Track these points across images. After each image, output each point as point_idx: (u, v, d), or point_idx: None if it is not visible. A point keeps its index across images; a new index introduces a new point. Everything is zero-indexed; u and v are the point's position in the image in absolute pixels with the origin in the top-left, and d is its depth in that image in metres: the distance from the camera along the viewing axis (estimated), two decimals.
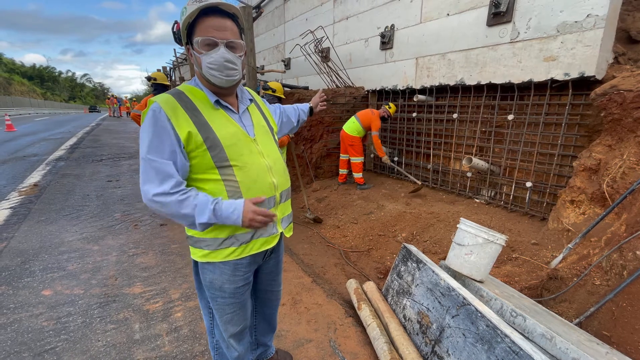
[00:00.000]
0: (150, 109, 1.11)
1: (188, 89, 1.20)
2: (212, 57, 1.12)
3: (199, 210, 1.10)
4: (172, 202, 1.08)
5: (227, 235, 1.22)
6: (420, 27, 4.80)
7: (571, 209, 3.01)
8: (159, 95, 1.16)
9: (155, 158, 1.08)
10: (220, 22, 1.12)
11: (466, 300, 1.64)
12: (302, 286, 2.66)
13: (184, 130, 1.11)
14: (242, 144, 1.22)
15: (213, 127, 1.16)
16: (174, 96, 1.15)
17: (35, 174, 6.20)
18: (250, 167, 1.21)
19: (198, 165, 1.15)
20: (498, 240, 1.96)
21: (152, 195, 1.08)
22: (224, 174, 1.17)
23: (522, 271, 2.78)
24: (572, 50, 3.20)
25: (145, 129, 1.10)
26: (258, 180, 1.23)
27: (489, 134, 4.25)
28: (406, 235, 3.74)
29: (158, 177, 1.08)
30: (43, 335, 2.04)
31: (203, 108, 1.18)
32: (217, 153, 1.15)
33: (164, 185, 1.08)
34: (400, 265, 2.27)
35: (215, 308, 1.35)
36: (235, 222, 1.12)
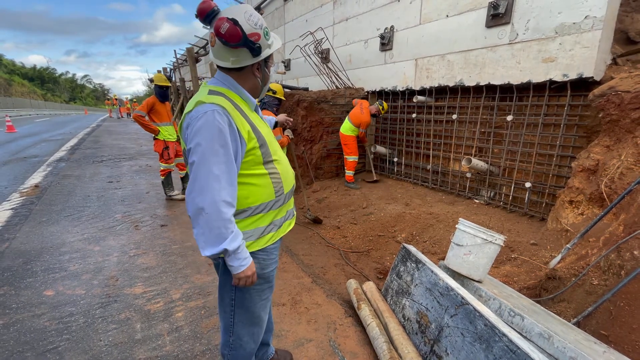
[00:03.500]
0: (211, 109, 1.12)
1: (227, 92, 1.25)
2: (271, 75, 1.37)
3: (232, 237, 1.12)
4: (226, 216, 1.10)
5: (268, 222, 1.32)
6: (420, 29, 4.83)
7: (570, 209, 3.02)
8: (209, 97, 1.17)
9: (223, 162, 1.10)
10: None
11: (465, 299, 1.66)
12: (302, 286, 2.68)
13: (245, 129, 1.19)
14: (274, 142, 1.36)
15: (258, 127, 1.26)
16: (227, 99, 1.21)
17: (36, 175, 6.22)
18: (283, 160, 1.39)
19: (250, 162, 1.23)
20: (496, 240, 1.97)
21: (222, 199, 1.09)
22: (269, 168, 1.29)
23: (521, 271, 2.80)
24: (570, 52, 3.22)
25: (210, 131, 1.10)
26: (288, 171, 1.41)
27: (488, 134, 4.27)
28: (406, 235, 3.75)
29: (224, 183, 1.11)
30: (45, 335, 2.05)
31: (247, 111, 1.27)
32: (265, 150, 1.26)
33: (228, 193, 1.11)
34: (400, 265, 2.28)
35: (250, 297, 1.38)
36: (236, 267, 1.17)
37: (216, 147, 1.09)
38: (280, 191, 1.34)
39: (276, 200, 1.33)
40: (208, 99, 1.16)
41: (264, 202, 1.29)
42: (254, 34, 1.17)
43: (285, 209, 1.42)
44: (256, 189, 1.26)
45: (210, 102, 1.14)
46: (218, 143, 1.09)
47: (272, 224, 1.34)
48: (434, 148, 5.04)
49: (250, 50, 1.18)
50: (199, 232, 1.11)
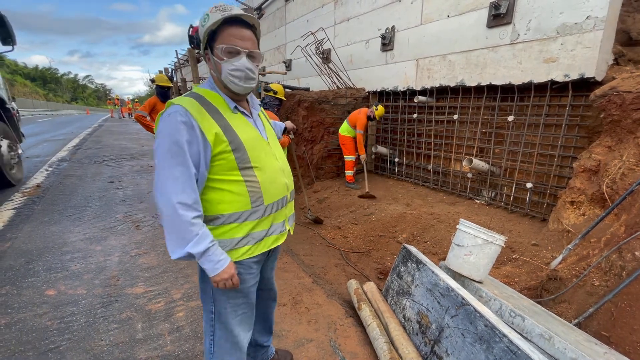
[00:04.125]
0: (173, 111, 1.09)
1: (205, 92, 1.22)
2: (234, 65, 1.16)
3: (198, 240, 1.09)
4: (186, 218, 1.07)
5: (244, 234, 1.24)
6: (421, 29, 4.82)
7: (571, 209, 3.02)
8: (179, 97, 1.16)
9: (180, 164, 1.08)
10: (242, 32, 1.17)
11: (465, 300, 1.66)
12: (302, 286, 2.68)
13: (212, 132, 1.12)
14: (260, 147, 1.27)
15: (236, 130, 1.19)
16: (196, 99, 1.16)
17: (38, 175, 6.24)
18: (268, 168, 1.27)
19: (221, 167, 1.17)
20: (497, 241, 1.97)
21: (178, 201, 1.06)
22: (246, 175, 1.20)
23: (522, 272, 2.79)
24: (572, 52, 3.21)
25: (169, 132, 1.08)
26: (274, 181, 1.29)
27: (489, 135, 4.26)
28: (406, 236, 3.75)
29: (181, 185, 1.08)
30: (47, 335, 2.06)
31: (224, 112, 1.20)
32: (241, 155, 1.18)
33: (187, 196, 1.08)
34: (400, 265, 2.28)
35: (226, 312, 1.32)
36: (210, 270, 1.14)
37: (173, 149, 1.07)
38: (258, 202, 1.24)
39: (253, 211, 1.24)
40: (177, 99, 1.14)
41: (237, 212, 1.21)
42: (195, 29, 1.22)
43: (269, 222, 1.31)
44: (229, 196, 1.19)
45: (177, 103, 1.12)
46: (175, 145, 1.07)
47: (250, 236, 1.25)
48: (435, 148, 5.03)
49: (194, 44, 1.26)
50: (165, 235, 1.12)
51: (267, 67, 9.52)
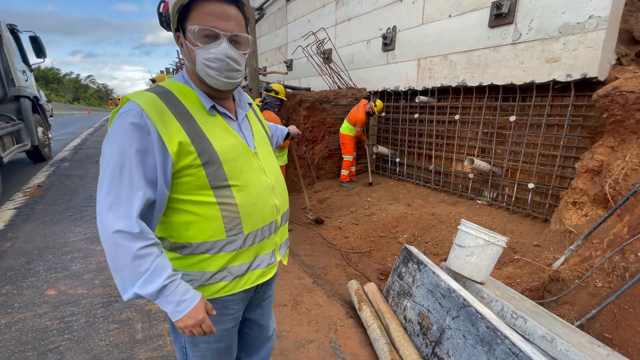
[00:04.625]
0: (125, 110, 0.85)
1: (176, 87, 0.96)
2: (211, 52, 0.90)
3: (149, 276, 0.83)
4: (130, 250, 0.81)
5: (218, 268, 0.99)
6: (422, 29, 4.81)
7: (573, 210, 3.00)
8: (137, 92, 0.90)
9: (126, 182, 0.83)
10: (223, 8, 0.90)
11: (467, 301, 1.64)
12: (303, 287, 2.67)
13: (174, 141, 0.86)
14: (243, 158, 1.00)
15: (210, 138, 0.93)
16: (160, 96, 0.90)
17: (39, 174, 6.25)
18: (252, 187, 1.00)
19: (188, 185, 0.91)
20: (499, 241, 1.96)
21: (115, 230, 0.80)
22: (221, 196, 0.94)
23: (523, 273, 2.78)
24: (574, 52, 3.20)
25: (117, 138, 0.83)
26: (259, 202, 1.02)
27: (490, 135, 4.25)
28: (407, 236, 3.74)
29: (126, 208, 0.82)
30: (47, 335, 2.06)
31: (197, 113, 0.94)
32: (214, 170, 0.92)
33: (132, 222, 0.82)
34: (401, 266, 2.27)
35: (196, 356, 1.10)
36: (171, 314, 0.87)
37: (118, 161, 0.82)
38: (235, 230, 0.98)
39: (229, 242, 0.98)
40: (135, 95, 0.89)
41: (208, 240, 0.95)
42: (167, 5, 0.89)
43: (252, 254, 1.04)
44: (198, 221, 0.94)
45: (133, 100, 0.86)
46: (122, 156, 0.82)
47: (226, 270, 1.00)
48: (436, 148, 5.02)
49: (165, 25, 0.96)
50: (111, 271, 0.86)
51: (268, 67, 9.53)
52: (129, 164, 0.82)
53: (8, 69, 5.76)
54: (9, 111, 5.84)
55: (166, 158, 0.86)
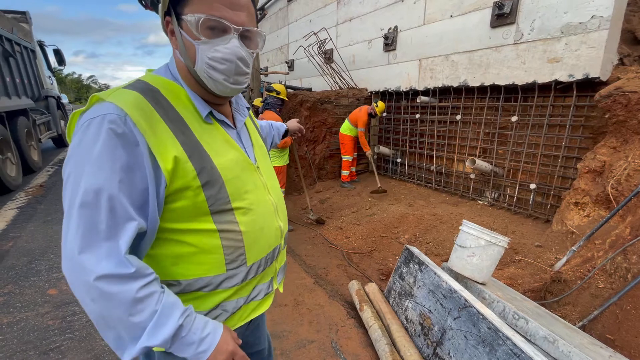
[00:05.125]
0: (100, 115, 0.63)
1: (163, 84, 0.75)
2: (218, 51, 0.72)
3: (158, 320, 0.64)
4: (124, 296, 0.61)
5: (213, 305, 0.81)
6: (424, 29, 4.80)
7: (575, 211, 2.99)
8: (115, 91, 0.69)
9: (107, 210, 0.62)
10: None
11: (468, 302, 1.64)
12: (304, 287, 2.67)
13: (168, 156, 0.67)
14: (246, 175, 0.83)
15: (209, 152, 0.75)
16: (145, 95, 0.70)
17: (41, 174, 6.27)
18: (257, 208, 0.84)
19: (181, 211, 0.72)
20: (500, 242, 1.95)
21: (98, 276, 0.60)
22: (222, 222, 0.77)
23: (525, 273, 2.77)
24: (576, 52, 3.19)
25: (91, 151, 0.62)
26: (265, 226, 0.86)
27: (492, 135, 4.24)
28: (409, 236, 3.73)
29: (109, 244, 0.62)
30: (48, 334, 2.06)
31: (191, 120, 0.75)
32: (216, 192, 0.74)
33: (121, 260, 0.62)
34: (403, 266, 2.27)
35: None
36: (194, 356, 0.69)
37: (94, 186, 0.61)
38: (237, 262, 0.81)
39: (229, 276, 0.80)
40: (111, 94, 0.67)
41: (204, 277, 0.77)
42: None
43: (251, 286, 0.87)
44: (191, 253, 0.75)
45: (110, 101, 0.65)
46: (99, 178, 0.61)
47: (220, 308, 0.82)
48: (437, 149, 5.01)
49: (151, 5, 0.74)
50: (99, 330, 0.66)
51: (269, 67, 9.54)
52: (112, 187, 0.62)
53: (39, 76, 7.64)
54: (41, 107, 7.62)
55: (159, 177, 0.67)
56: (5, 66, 5.80)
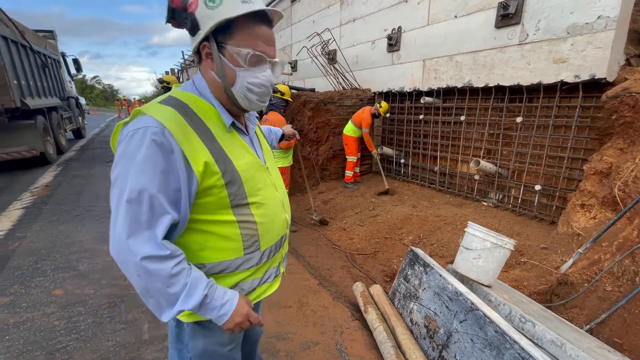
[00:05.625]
0: (143, 126, 0.77)
1: (192, 100, 0.89)
2: (258, 77, 0.89)
3: (188, 291, 0.81)
4: (162, 272, 0.78)
5: (232, 284, 0.97)
6: (428, 29, 4.79)
7: (581, 212, 2.97)
8: (153, 106, 0.83)
9: (148, 205, 0.77)
10: (269, 32, 0.89)
11: (474, 305, 1.63)
12: (308, 288, 2.67)
13: (200, 160, 0.82)
14: (259, 175, 0.98)
15: (230, 156, 0.90)
16: (179, 110, 0.84)
17: (47, 174, 6.32)
18: (268, 203, 0.99)
19: (208, 205, 0.88)
20: (507, 244, 1.94)
21: (143, 257, 0.76)
22: (240, 214, 0.92)
23: (530, 276, 2.75)
24: (582, 52, 3.16)
25: (136, 157, 0.76)
26: (275, 218, 1.02)
27: (497, 136, 4.22)
28: (413, 238, 3.72)
29: (150, 232, 0.78)
30: (54, 335, 2.07)
31: (216, 130, 0.90)
32: (236, 190, 0.90)
33: (159, 245, 0.78)
34: (407, 268, 2.26)
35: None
36: (216, 318, 0.87)
37: (138, 186, 0.76)
38: (253, 247, 0.97)
39: (246, 260, 0.96)
40: (152, 109, 0.82)
41: (225, 260, 0.93)
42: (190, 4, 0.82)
43: (264, 269, 1.04)
44: (215, 241, 0.91)
45: (150, 115, 0.79)
46: (142, 179, 0.76)
47: (238, 287, 0.98)
48: (441, 150, 4.99)
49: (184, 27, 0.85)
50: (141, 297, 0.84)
51: None
52: (152, 187, 0.77)
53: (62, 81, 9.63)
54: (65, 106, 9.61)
55: (191, 179, 0.82)
56: (42, 74, 7.67)
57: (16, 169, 6.75)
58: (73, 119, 10.40)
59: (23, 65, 6.44)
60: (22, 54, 6.52)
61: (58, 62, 9.36)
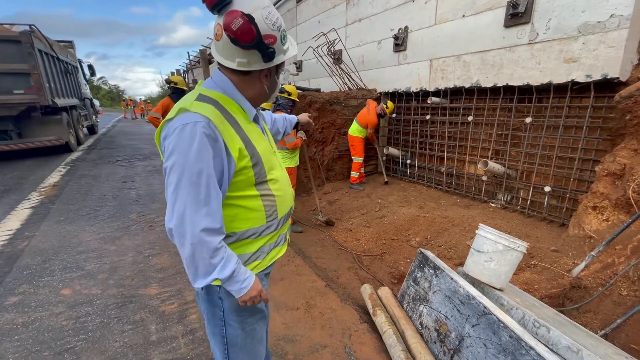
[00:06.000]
0: (193, 121, 0.94)
1: (219, 97, 1.07)
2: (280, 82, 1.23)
3: (224, 264, 0.99)
4: (211, 244, 0.96)
5: (256, 249, 1.16)
6: (435, 29, 4.75)
7: (593, 215, 2.91)
8: (194, 104, 1.00)
9: (205, 185, 0.94)
10: None
11: (487, 309, 1.60)
12: (315, 290, 2.65)
13: (235, 147, 1.01)
14: (272, 157, 1.19)
15: (254, 142, 1.09)
16: (216, 107, 1.02)
17: (54, 174, 6.36)
18: (280, 179, 1.20)
19: (239, 184, 1.06)
20: (519, 247, 1.91)
21: (202, 228, 0.94)
22: (262, 189, 1.12)
23: (541, 279, 2.70)
24: (594, 52, 3.11)
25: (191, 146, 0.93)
26: (286, 191, 1.23)
27: (505, 137, 4.17)
28: (420, 239, 3.68)
29: (206, 208, 0.95)
30: (63, 335, 2.07)
31: (241, 121, 1.09)
32: (259, 170, 1.09)
33: (214, 219, 0.96)
34: (417, 271, 2.23)
35: (245, 334, 1.21)
36: (236, 290, 1.05)
37: (196, 169, 0.93)
38: (273, 216, 1.17)
39: (267, 226, 1.16)
40: (193, 106, 0.98)
41: (252, 228, 1.12)
42: (269, 36, 1.00)
43: (278, 235, 1.24)
44: (244, 213, 1.10)
45: (195, 111, 0.96)
46: (199, 164, 0.93)
47: (260, 250, 1.17)
48: (448, 150, 4.95)
49: (262, 54, 1.01)
50: (185, 264, 0.99)
51: None
52: (206, 170, 0.94)
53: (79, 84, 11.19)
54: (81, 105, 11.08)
55: (230, 162, 1.01)
56: (65, 79, 9.27)
57: (24, 168, 6.81)
58: (88, 116, 12.14)
59: (52, 72, 8.03)
60: (51, 62, 8.07)
61: (76, 68, 10.99)
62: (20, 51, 6.68)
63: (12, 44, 6.62)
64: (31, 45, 6.73)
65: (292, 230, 4.11)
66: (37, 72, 6.87)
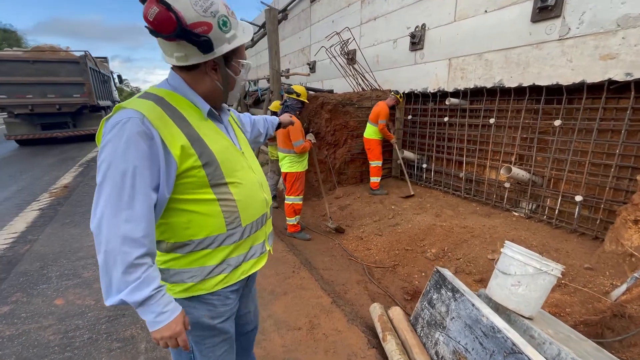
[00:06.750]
0: (125, 117, 0.87)
1: (165, 94, 0.99)
2: (244, 79, 1.11)
3: (138, 285, 0.84)
4: (128, 257, 0.83)
5: (219, 261, 1.05)
6: (454, 26, 4.47)
7: (634, 229, 2.59)
8: (133, 101, 0.93)
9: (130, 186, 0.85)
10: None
11: (516, 347, 1.35)
12: (320, 307, 2.44)
13: (176, 145, 0.91)
14: (235, 158, 1.09)
15: (206, 140, 0.99)
16: (156, 102, 0.94)
17: (67, 175, 6.41)
18: (245, 183, 1.10)
19: (189, 185, 0.96)
20: (553, 270, 1.65)
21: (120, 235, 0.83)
22: (219, 193, 1.01)
23: (574, 301, 2.41)
24: (635, 47, 2.79)
25: (119, 145, 0.85)
26: (253, 197, 1.12)
27: (530, 140, 3.85)
28: (436, 251, 3.42)
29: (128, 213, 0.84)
30: (48, 351, 1.95)
31: (191, 117, 0.99)
32: (213, 170, 0.99)
33: (136, 227, 0.85)
34: (433, 291, 1.99)
35: (203, 353, 1.12)
36: (150, 324, 0.90)
37: (121, 169, 0.84)
38: (235, 223, 1.06)
39: (228, 235, 1.05)
40: (131, 103, 0.92)
41: (210, 236, 1.02)
42: (201, 24, 0.89)
43: (248, 245, 1.13)
44: (199, 219, 0.99)
45: (131, 108, 0.89)
46: (124, 164, 0.84)
47: (225, 263, 1.07)
48: (467, 154, 4.65)
49: (195, 45, 0.91)
50: (100, 274, 0.86)
51: (290, 69, 9.40)
52: (132, 170, 0.85)
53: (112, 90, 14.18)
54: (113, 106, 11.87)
55: (170, 162, 0.91)
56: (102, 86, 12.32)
57: (44, 167, 6.90)
58: None
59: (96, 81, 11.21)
60: (96, 75, 11.28)
61: (109, 78, 14.01)
62: (79, 68, 10.03)
63: (73, 64, 10.00)
64: (85, 65, 10.07)
65: (300, 237, 3.92)
66: (89, 82, 10.21)
